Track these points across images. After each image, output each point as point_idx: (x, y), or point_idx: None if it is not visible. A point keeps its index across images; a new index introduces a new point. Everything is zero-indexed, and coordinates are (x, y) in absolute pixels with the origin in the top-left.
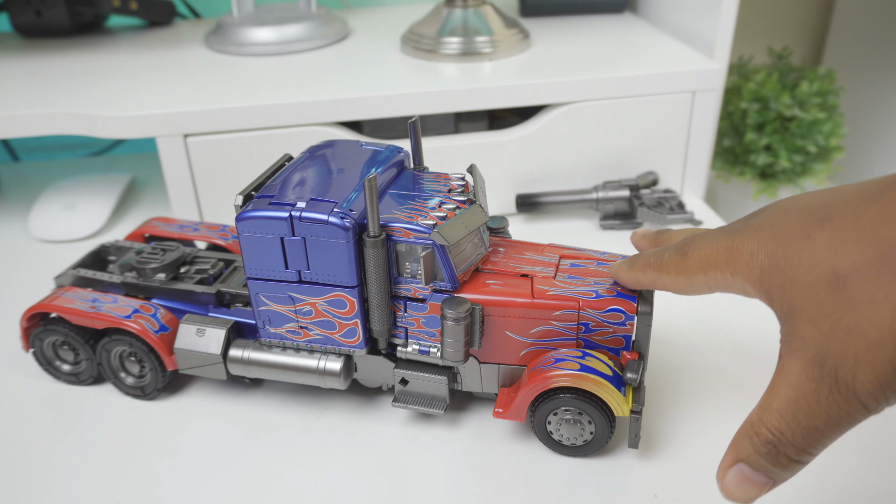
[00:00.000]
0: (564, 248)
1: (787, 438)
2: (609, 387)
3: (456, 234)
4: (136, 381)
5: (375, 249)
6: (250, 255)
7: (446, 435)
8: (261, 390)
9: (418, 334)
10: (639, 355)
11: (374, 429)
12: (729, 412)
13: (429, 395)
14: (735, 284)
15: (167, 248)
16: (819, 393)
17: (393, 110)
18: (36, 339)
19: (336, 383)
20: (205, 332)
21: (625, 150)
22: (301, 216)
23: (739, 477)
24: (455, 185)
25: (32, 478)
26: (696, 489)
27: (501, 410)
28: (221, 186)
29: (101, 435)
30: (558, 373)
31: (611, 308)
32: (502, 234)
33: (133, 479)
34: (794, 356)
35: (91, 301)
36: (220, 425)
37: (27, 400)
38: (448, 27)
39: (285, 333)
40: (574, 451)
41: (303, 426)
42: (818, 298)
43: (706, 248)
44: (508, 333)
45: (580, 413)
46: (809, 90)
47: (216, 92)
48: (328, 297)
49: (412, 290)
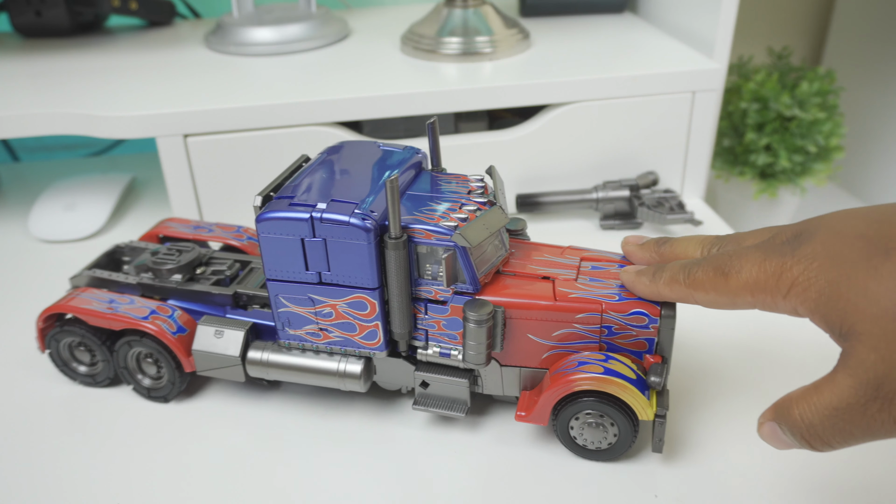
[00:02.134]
0: (584, 249)
1: (815, 431)
2: (633, 390)
3: (478, 236)
4: (153, 382)
5: (397, 251)
6: (270, 257)
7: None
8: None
9: (439, 337)
10: (662, 358)
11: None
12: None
13: (449, 398)
14: (785, 307)
15: (183, 249)
16: (868, 408)
17: (393, 110)
18: (52, 340)
19: (356, 386)
20: (223, 333)
21: (625, 150)
22: (322, 217)
23: (771, 432)
24: (474, 186)
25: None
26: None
27: (524, 414)
28: (221, 186)
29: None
30: (582, 376)
31: (634, 311)
32: (521, 235)
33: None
34: (849, 374)
35: (108, 302)
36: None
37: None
38: (448, 27)
39: (305, 335)
40: (597, 455)
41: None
42: (885, 329)
43: (753, 270)
44: (530, 336)
45: (602, 416)
46: (809, 90)
47: (216, 92)
48: (349, 299)
49: (433, 292)
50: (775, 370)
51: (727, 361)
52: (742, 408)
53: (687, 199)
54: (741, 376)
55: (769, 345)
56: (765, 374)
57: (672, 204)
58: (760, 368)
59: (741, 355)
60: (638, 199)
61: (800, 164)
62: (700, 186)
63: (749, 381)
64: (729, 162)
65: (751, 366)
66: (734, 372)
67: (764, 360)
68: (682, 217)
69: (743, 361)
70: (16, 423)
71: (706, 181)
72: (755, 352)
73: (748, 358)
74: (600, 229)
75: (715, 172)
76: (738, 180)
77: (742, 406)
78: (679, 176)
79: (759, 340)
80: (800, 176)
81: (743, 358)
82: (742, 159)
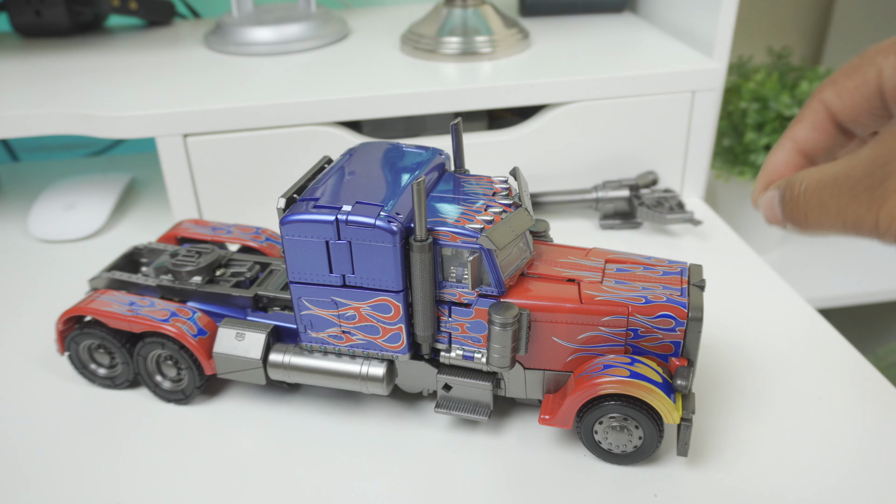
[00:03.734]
0: (609, 251)
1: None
2: (660, 394)
3: (504, 239)
4: (173, 385)
5: (422, 254)
6: (294, 259)
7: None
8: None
9: (462, 339)
10: (688, 361)
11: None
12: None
13: (472, 401)
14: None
15: (202, 251)
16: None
17: (392, 110)
18: (72, 342)
19: (379, 389)
20: (244, 336)
21: (624, 149)
22: (347, 220)
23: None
24: (499, 188)
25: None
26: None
27: (548, 417)
28: (221, 186)
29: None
30: (608, 379)
31: (661, 314)
32: (544, 237)
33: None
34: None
35: (128, 304)
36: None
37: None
38: (448, 27)
39: (327, 338)
40: (622, 459)
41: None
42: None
43: None
44: (555, 339)
45: (625, 419)
46: (809, 90)
47: (216, 92)
48: (372, 302)
49: (457, 294)
50: (795, 373)
51: (749, 365)
52: (766, 410)
53: (687, 198)
54: (762, 381)
55: (798, 351)
56: (788, 379)
57: (672, 204)
58: (784, 373)
59: (761, 359)
60: (638, 198)
61: None
62: (700, 186)
63: (770, 385)
64: (729, 162)
65: (776, 370)
66: (755, 376)
67: (789, 366)
68: (682, 217)
69: (764, 365)
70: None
71: (706, 181)
72: (782, 356)
73: (774, 362)
74: (600, 229)
75: (715, 172)
76: (737, 180)
77: (765, 408)
78: (679, 175)
79: (790, 344)
80: None
81: (765, 361)
82: (742, 159)
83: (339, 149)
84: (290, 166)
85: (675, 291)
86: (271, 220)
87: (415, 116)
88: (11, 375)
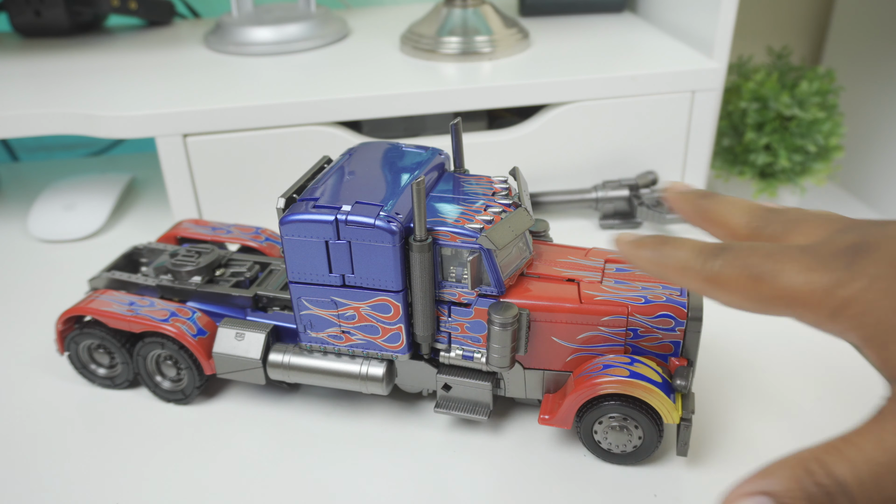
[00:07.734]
0: (609, 251)
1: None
2: (659, 394)
3: (504, 239)
4: (173, 385)
5: (422, 254)
6: (293, 259)
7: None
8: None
9: (462, 339)
10: (688, 361)
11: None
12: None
13: (472, 401)
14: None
15: (202, 251)
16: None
17: (392, 110)
18: (71, 342)
19: (378, 389)
20: (244, 336)
21: (624, 149)
22: (347, 219)
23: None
24: (498, 188)
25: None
26: None
27: (547, 417)
28: (221, 186)
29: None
30: (607, 379)
31: (660, 314)
32: (543, 237)
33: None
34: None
35: (128, 304)
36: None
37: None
38: (447, 27)
39: (327, 338)
40: (622, 459)
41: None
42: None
43: (796, 278)
44: (555, 339)
45: (625, 419)
46: (809, 90)
47: (215, 92)
48: (372, 302)
49: (456, 294)
50: (799, 375)
51: (749, 365)
52: (766, 410)
53: None
54: (762, 381)
55: (798, 351)
56: (788, 380)
57: None
58: (784, 374)
59: (761, 359)
60: (637, 198)
61: (799, 164)
62: (699, 186)
63: (770, 385)
64: (728, 161)
65: (775, 370)
66: (755, 376)
67: (789, 366)
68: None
69: (764, 365)
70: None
71: (706, 181)
72: (782, 356)
73: (774, 362)
74: (600, 229)
75: (714, 172)
76: (737, 180)
77: (765, 408)
78: (679, 175)
79: (789, 345)
80: (799, 175)
81: (765, 361)
82: (742, 159)
83: (338, 149)
84: (289, 166)
85: (675, 291)
86: (271, 220)
87: (414, 116)
88: (11, 375)
